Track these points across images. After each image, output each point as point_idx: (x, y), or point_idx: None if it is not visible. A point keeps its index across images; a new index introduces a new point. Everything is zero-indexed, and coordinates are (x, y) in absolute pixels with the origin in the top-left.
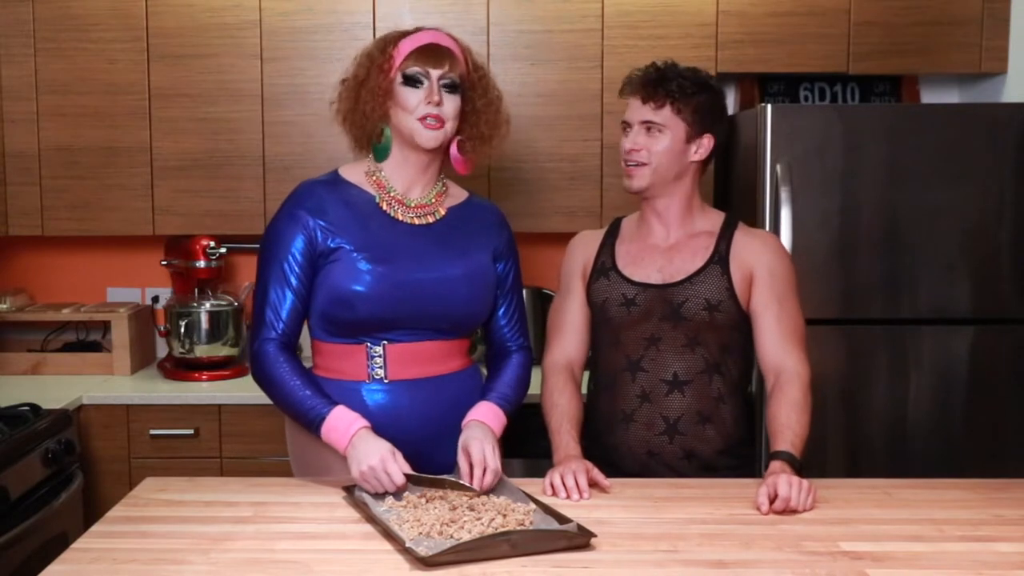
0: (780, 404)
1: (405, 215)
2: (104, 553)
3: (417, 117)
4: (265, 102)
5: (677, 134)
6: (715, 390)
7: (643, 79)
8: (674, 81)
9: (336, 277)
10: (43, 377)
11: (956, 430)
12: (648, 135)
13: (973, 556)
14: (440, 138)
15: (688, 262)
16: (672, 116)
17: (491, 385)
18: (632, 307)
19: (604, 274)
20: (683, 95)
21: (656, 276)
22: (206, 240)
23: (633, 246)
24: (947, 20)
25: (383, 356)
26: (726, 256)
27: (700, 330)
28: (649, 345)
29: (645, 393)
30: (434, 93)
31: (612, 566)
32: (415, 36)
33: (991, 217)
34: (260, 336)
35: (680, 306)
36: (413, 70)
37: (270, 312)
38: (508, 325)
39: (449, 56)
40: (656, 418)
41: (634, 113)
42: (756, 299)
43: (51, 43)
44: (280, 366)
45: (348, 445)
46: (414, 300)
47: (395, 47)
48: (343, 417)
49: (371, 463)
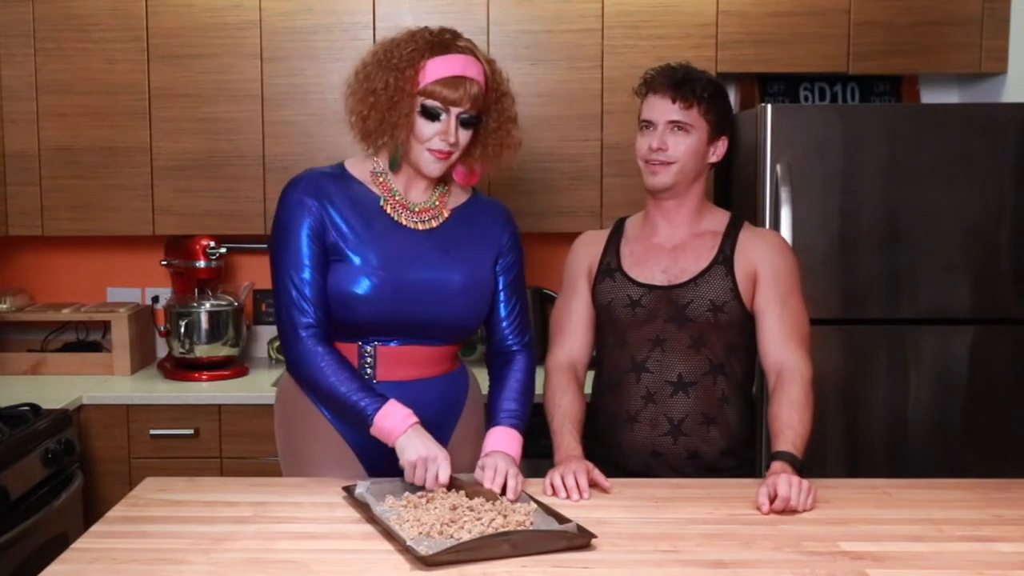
0: (781, 403)
1: (409, 220)
2: (104, 553)
3: (428, 148)
4: (265, 102)
5: (701, 135)
6: (719, 391)
7: (671, 78)
8: (700, 81)
9: (337, 279)
10: (43, 377)
11: (956, 430)
12: (673, 135)
13: (973, 556)
14: (445, 168)
15: (693, 263)
16: (699, 117)
17: (498, 403)
18: (638, 308)
19: (610, 275)
20: (709, 97)
21: (661, 277)
22: (206, 240)
23: (638, 246)
24: (947, 20)
25: (373, 356)
26: (731, 257)
27: (705, 331)
28: (654, 346)
29: (650, 394)
30: (451, 133)
31: (612, 566)
32: (442, 61)
33: (991, 217)
34: (296, 327)
35: (685, 307)
36: (433, 104)
37: (298, 297)
38: (510, 323)
39: (472, 87)
40: (660, 419)
41: (659, 112)
42: (760, 298)
43: (51, 43)
44: (322, 360)
45: (403, 433)
46: (412, 307)
47: (422, 66)
48: (397, 411)
49: (426, 454)
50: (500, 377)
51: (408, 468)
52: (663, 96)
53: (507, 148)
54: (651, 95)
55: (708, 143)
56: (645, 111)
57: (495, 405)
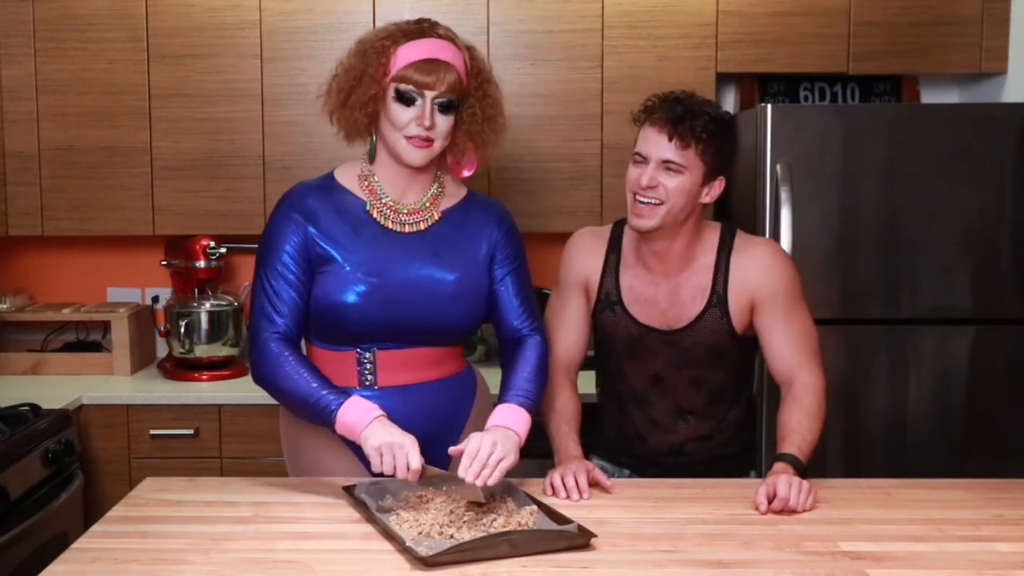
0: (792, 411)
1: (396, 222)
2: (104, 553)
3: (405, 135)
4: (265, 102)
5: (695, 176)
6: (720, 414)
7: (670, 114)
8: (700, 119)
9: (326, 289)
10: (43, 377)
11: (956, 430)
12: (665, 173)
13: (973, 556)
14: (427, 157)
15: (688, 307)
16: (695, 157)
17: (510, 382)
18: (637, 345)
19: (610, 307)
20: (709, 137)
21: (660, 320)
22: (206, 240)
23: (636, 281)
24: (947, 20)
25: (373, 362)
26: (724, 296)
27: (704, 369)
28: (655, 383)
29: (652, 420)
30: (426, 116)
31: (612, 566)
32: (415, 45)
33: (991, 217)
34: (261, 332)
35: (686, 351)
36: (406, 88)
37: (269, 308)
38: (516, 310)
39: (448, 72)
40: (662, 443)
41: (654, 148)
42: (763, 319)
43: (51, 43)
44: (284, 360)
45: (367, 426)
46: (403, 313)
47: (393, 53)
48: (361, 403)
49: (391, 440)
50: (512, 359)
51: (373, 455)
52: (659, 131)
53: (495, 134)
54: (648, 127)
55: (702, 184)
56: (640, 143)
57: (504, 384)
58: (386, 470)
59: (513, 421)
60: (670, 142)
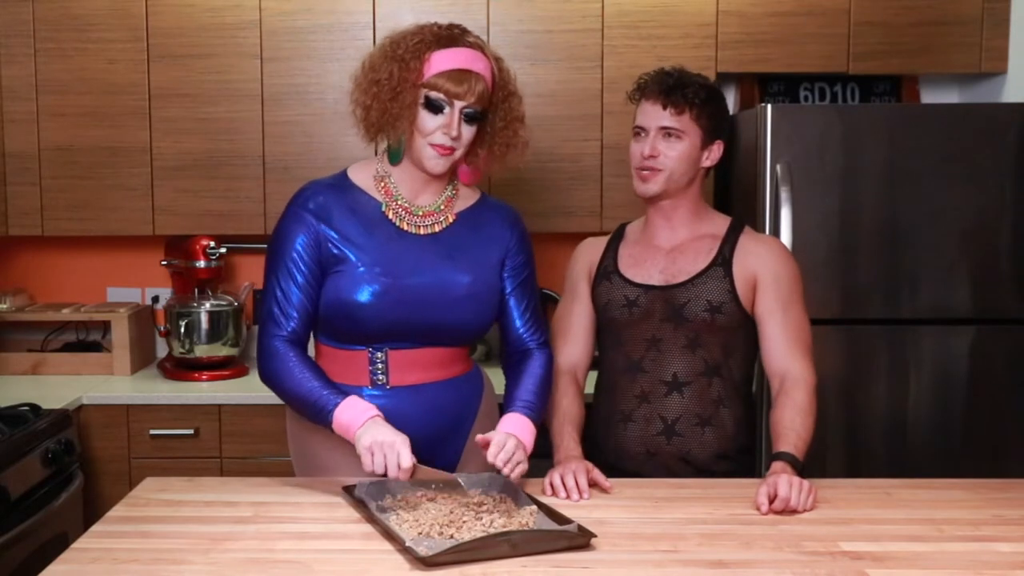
0: (785, 408)
1: (411, 224)
2: (104, 553)
3: (430, 142)
4: (265, 102)
5: (693, 140)
6: (715, 393)
7: (662, 84)
8: (691, 86)
9: (339, 288)
10: (43, 377)
11: (956, 430)
12: (665, 141)
13: (973, 556)
14: (448, 164)
15: (691, 264)
16: (690, 122)
17: (515, 394)
18: (634, 308)
19: (607, 277)
20: (702, 102)
21: (658, 277)
22: (206, 240)
23: (636, 248)
24: (947, 20)
25: (385, 362)
26: (729, 259)
27: (701, 331)
28: (650, 346)
29: (644, 393)
30: (453, 126)
31: (612, 566)
32: (447, 54)
33: (991, 217)
34: (268, 334)
35: (682, 307)
36: (437, 96)
37: (277, 310)
38: (524, 323)
39: (478, 82)
40: (654, 418)
41: (651, 118)
42: (761, 305)
43: (51, 43)
44: (288, 360)
45: (362, 426)
46: (417, 313)
47: (427, 58)
48: (358, 403)
49: (382, 439)
50: (517, 372)
51: (365, 454)
52: (654, 102)
53: (513, 148)
54: (644, 101)
55: (701, 148)
56: (638, 117)
57: (510, 396)
58: (377, 469)
59: (521, 432)
60: (665, 110)
